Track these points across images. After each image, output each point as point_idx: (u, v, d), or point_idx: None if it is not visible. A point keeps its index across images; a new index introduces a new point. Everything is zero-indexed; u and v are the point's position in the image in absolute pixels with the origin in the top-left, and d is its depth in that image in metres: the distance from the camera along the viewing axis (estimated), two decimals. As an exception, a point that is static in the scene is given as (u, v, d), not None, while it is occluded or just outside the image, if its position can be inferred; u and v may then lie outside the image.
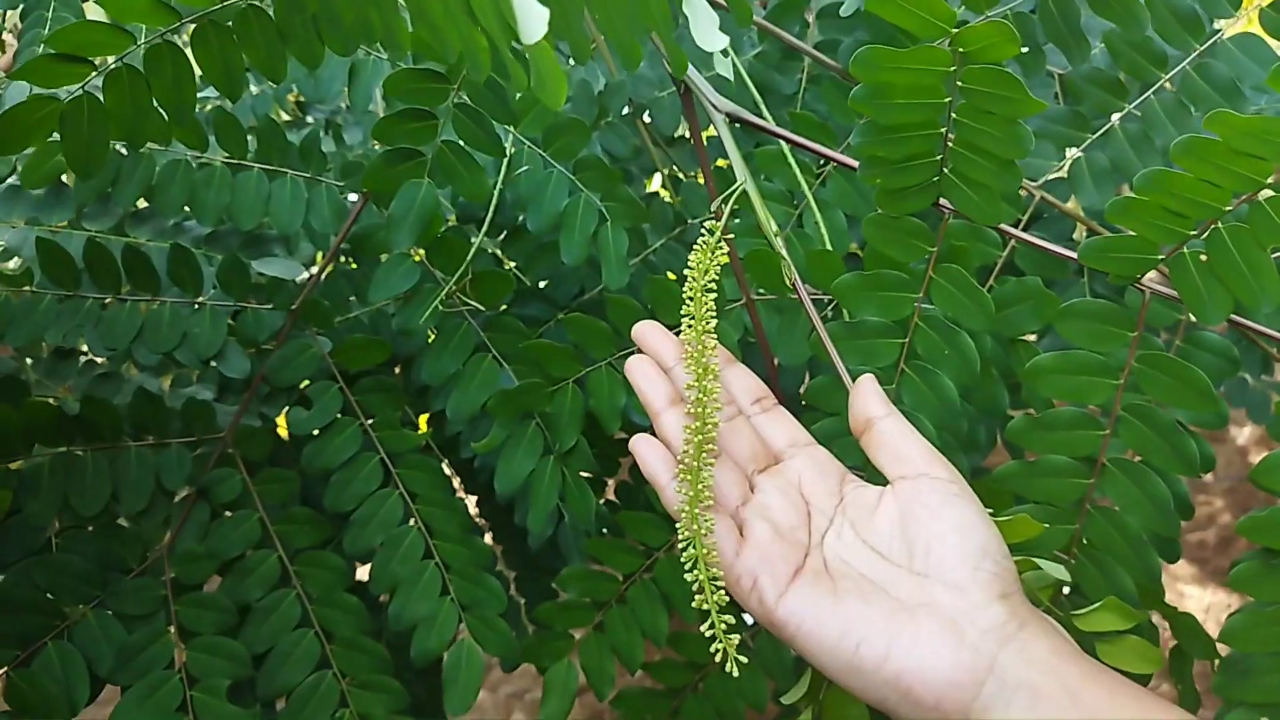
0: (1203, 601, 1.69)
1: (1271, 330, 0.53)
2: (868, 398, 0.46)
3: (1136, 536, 0.54)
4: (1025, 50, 0.72)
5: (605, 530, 0.76)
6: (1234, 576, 0.49)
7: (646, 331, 0.49)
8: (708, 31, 0.50)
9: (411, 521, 0.71)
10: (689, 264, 0.48)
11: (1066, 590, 0.55)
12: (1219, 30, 0.69)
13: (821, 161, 0.73)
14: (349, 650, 0.68)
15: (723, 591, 0.42)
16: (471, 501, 0.90)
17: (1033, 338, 0.71)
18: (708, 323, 0.46)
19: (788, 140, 0.60)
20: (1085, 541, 0.55)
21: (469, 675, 0.69)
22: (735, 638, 0.42)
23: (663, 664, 0.72)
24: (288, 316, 0.72)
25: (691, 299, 0.47)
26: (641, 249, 0.82)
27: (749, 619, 0.47)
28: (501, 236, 0.83)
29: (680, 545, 0.43)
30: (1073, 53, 0.69)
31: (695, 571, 0.42)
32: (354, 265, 0.97)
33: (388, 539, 0.70)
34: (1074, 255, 0.51)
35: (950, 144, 0.50)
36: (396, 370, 0.91)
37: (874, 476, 0.47)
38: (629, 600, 0.70)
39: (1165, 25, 0.68)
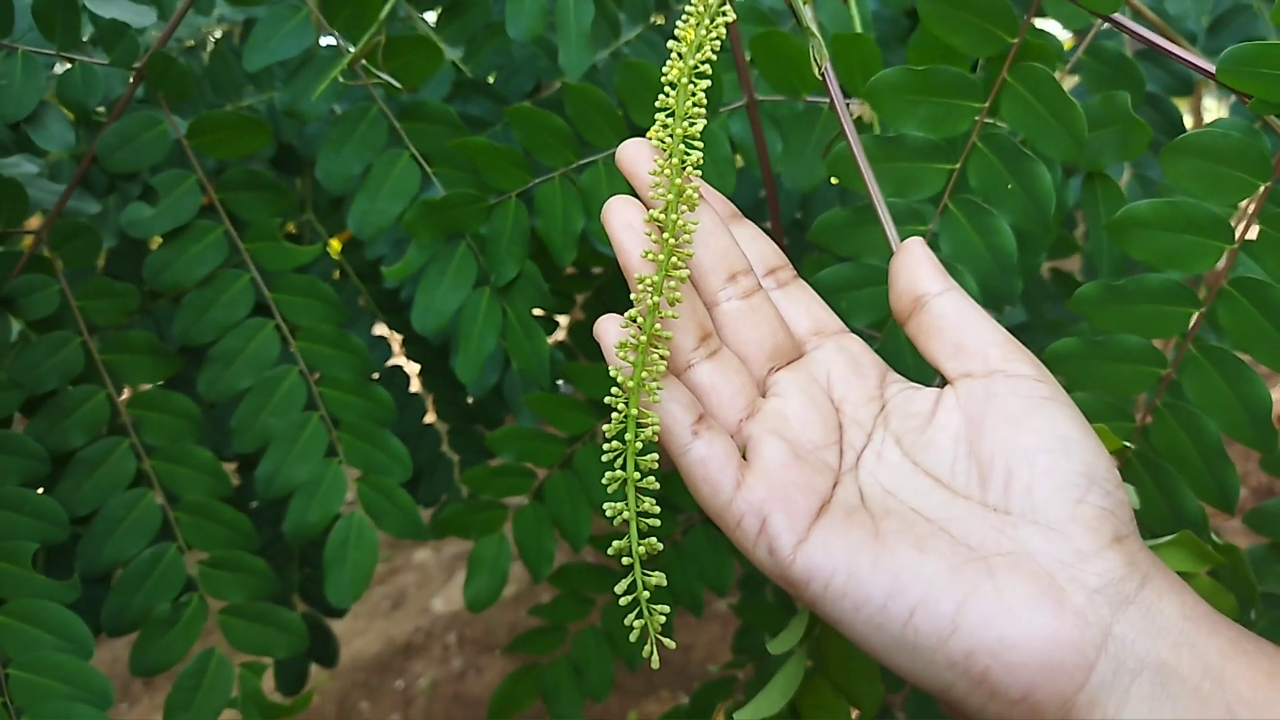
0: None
1: None
2: (918, 267, 0.36)
3: (1214, 445, 0.45)
4: None
5: (559, 381, 0.67)
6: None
7: (637, 153, 0.36)
8: None
9: (291, 362, 0.60)
10: (674, 35, 0.36)
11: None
12: None
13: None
14: (199, 518, 0.58)
15: (655, 538, 0.33)
16: (398, 341, 0.81)
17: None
18: (691, 122, 0.35)
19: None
20: (1145, 446, 0.47)
21: (359, 556, 0.60)
22: (663, 612, 0.32)
23: (613, 539, 0.64)
24: (131, 78, 0.58)
25: (674, 86, 0.35)
26: (613, 39, 0.69)
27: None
28: (437, 14, 0.70)
29: (605, 454, 0.32)
30: None
31: (621, 507, 0.32)
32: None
33: (258, 382, 0.60)
34: (1210, 68, 0.40)
35: (1068, -113, 0.38)
36: (298, 184, 0.79)
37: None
38: (575, 466, 0.63)
39: None
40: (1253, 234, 0.43)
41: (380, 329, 0.81)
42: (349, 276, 0.80)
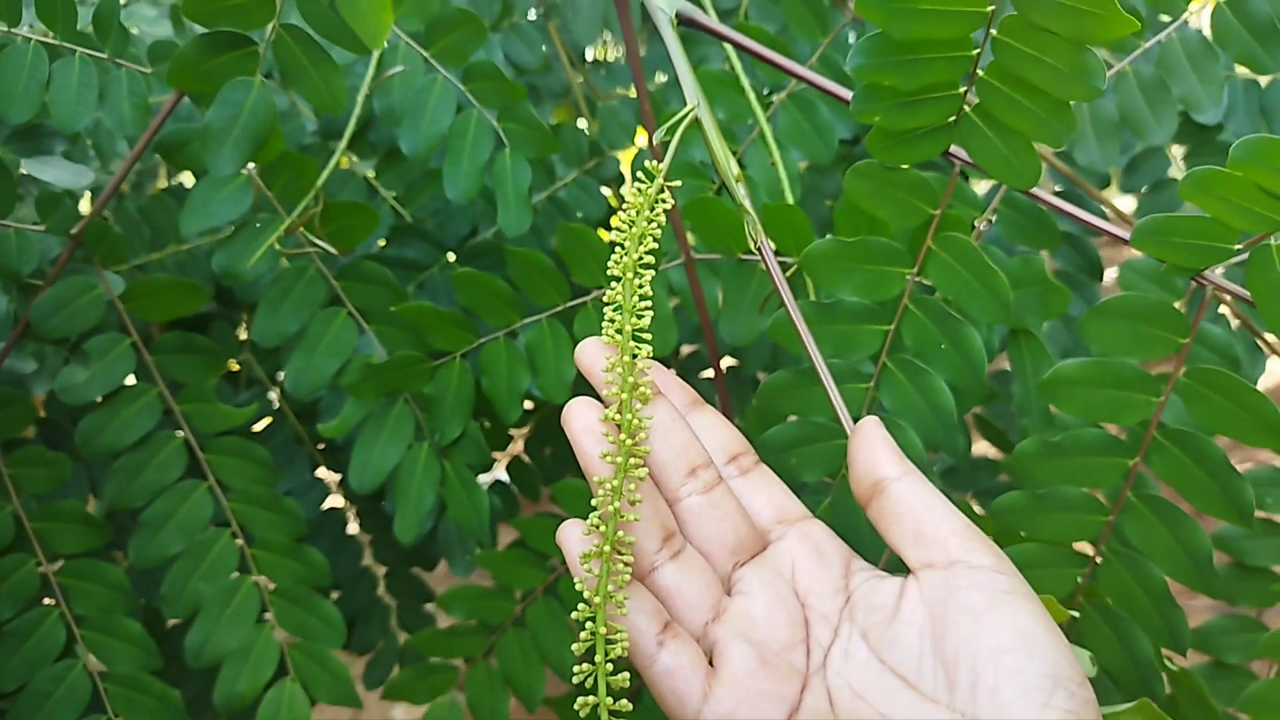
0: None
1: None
2: (874, 450, 0.36)
3: (1161, 589, 0.47)
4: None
5: (504, 506, 0.66)
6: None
7: (592, 352, 0.37)
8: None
9: (222, 524, 0.60)
10: (617, 224, 0.37)
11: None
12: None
13: (767, 91, 0.64)
14: (130, 691, 0.57)
15: None
16: (335, 481, 0.80)
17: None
18: (639, 315, 0.36)
19: (751, 53, 0.50)
20: (1095, 592, 0.48)
21: (291, 728, 0.58)
22: None
23: (569, 699, 0.63)
24: (66, 243, 0.58)
25: (618, 280, 0.36)
26: (549, 184, 0.71)
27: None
28: (376, 159, 0.72)
29: (575, 676, 0.32)
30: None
31: None
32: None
33: (189, 546, 0.59)
34: (1125, 236, 0.43)
35: (980, 72, 0.40)
36: (244, 318, 0.79)
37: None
38: (527, 622, 0.63)
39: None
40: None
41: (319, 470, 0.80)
42: (287, 416, 0.80)
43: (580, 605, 0.32)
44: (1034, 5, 0.36)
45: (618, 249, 0.36)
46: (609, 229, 0.75)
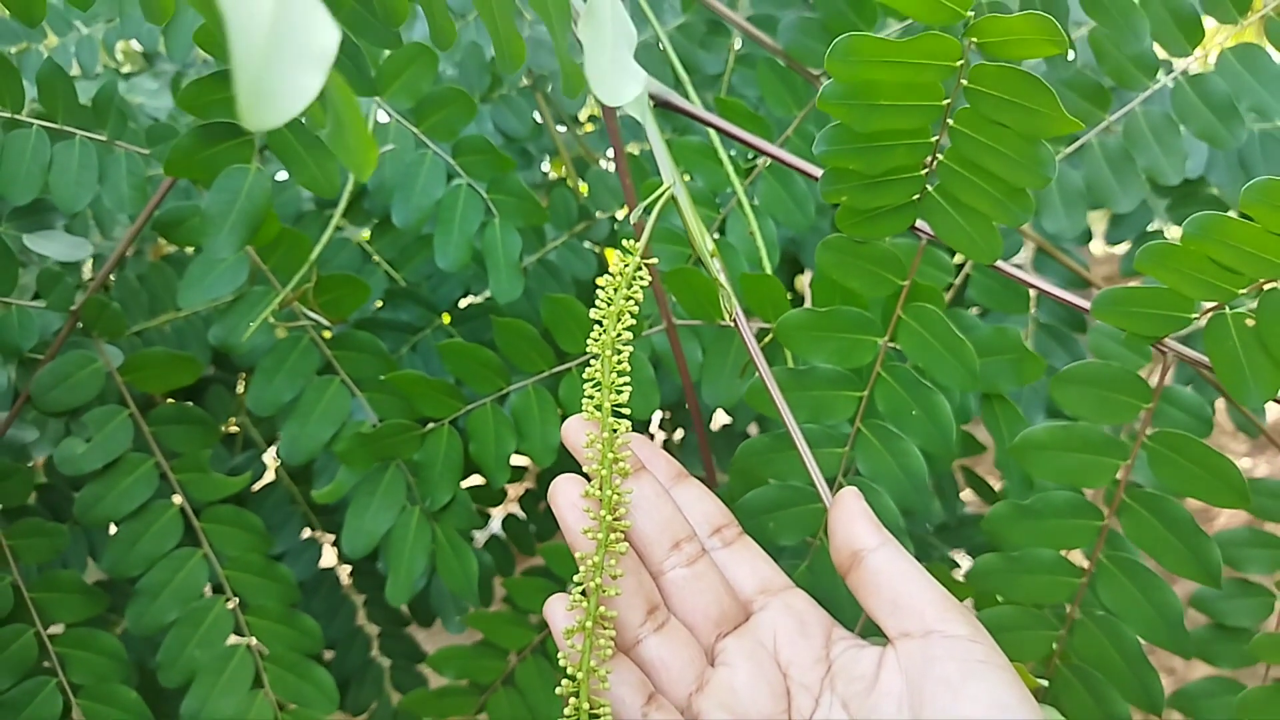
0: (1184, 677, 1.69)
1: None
2: (852, 522, 0.37)
3: (1134, 650, 0.47)
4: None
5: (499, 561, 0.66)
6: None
7: (577, 428, 0.38)
8: (614, 73, 0.39)
9: (217, 591, 0.61)
10: (598, 300, 0.38)
11: None
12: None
13: (749, 156, 0.66)
14: (126, 763, 0.56)
15: None
16: (329, 542, 0.80)
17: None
18: (618, 391, 0.37)
19: (723, 132, 0.51)
20: (1071, 653, 0.49)
21: (283, 794, 0.58)
22: None
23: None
24: (66, 318, 0.60)
25: (597, 357, 0.37)
26: (539, 246, 0.73)
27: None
28: (370, 225, 0.73)
29: None
30: (1055, 59, 0.63)
31: None
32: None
33: (185, 614, 0.60)
34: (1086, 307, 0.44)
35: (940, 157, 0.42)
36: (240, 379, 0.80)
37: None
38: (517, 682, 0.63)
39: (1161, 26, 0.62)
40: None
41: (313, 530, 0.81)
42: (282, 478, 0.81)
43: (565, 680, 0.33)
44: (986, 100, 0.38)
45: (597, 326, 0.37)
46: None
